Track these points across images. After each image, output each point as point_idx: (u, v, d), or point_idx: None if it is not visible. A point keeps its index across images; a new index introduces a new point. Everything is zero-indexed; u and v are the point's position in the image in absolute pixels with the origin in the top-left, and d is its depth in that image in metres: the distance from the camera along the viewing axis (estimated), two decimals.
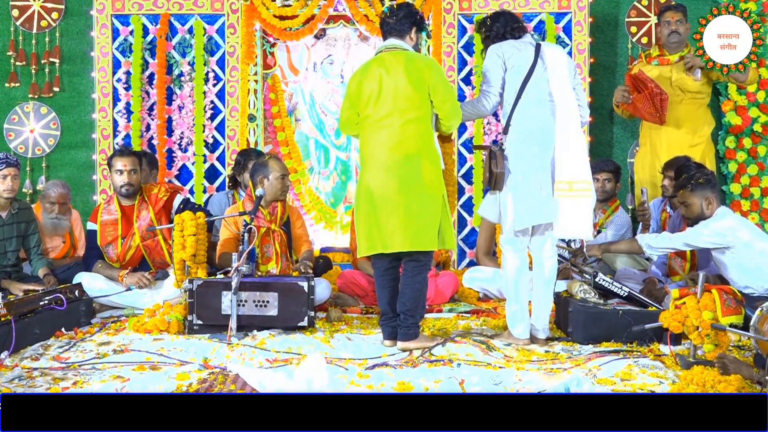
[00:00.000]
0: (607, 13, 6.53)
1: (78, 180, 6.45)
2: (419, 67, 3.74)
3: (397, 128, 3.72)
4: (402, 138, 3.71)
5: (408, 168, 3.70)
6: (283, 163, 4.86)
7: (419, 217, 3.69)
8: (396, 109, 3.72)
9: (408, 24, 3.85)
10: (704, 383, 3.06)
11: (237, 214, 4.69)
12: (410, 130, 3.71)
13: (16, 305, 3.82)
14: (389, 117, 3.74)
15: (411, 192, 3.69)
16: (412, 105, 3.72)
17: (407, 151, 3.71)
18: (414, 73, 3.72)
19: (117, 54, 6.36)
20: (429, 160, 3.73)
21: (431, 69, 3.76)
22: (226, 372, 3.32)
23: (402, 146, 3.71)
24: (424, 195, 3.70)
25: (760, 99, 6.22)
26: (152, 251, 4.84)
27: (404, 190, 3.70)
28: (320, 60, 6.68)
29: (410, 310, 3.73)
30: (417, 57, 3.81)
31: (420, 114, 3.73)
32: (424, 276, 3.79)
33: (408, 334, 3.74)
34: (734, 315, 3.51)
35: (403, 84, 3.72)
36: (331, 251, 6.28)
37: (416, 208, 3.69)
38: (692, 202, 4.30)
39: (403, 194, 3.69)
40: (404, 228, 3.69)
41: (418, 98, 3.72)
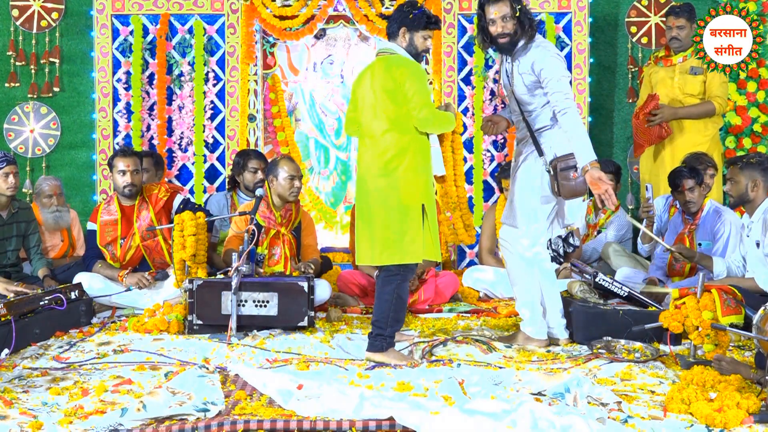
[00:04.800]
0: (607, 13, 6.53)
1: (78, 180, 6.46)
2: (395, 73, 3.57)
3: (374, 137, 3.63)
4: (378, 148, 3.61)
5: (381, 179, 3.59)
6: (296, 165, 4.82)
7: (383, 229, 3.58)
8: (374, 117, 3.63)
9: (396, 25, 3.70)
10: (704, 383, 3.07)
11: (238, 214, 4.69)
12: (387, 139, 3.59)
13: (16, 305, 3.82)
14: (369, 125, 3.67)
15: (381, 203, 3.59)
16: (387, 113, 3.59)
17: (383, 162, 3.59)
18: (390, 80, 3.58)
19: (117, 54, 6.36)
20: (406, 169, 3.57)
21: (406, 75, 3.56)
22: (226, 372, 3.32)
23: (378, 157, 3.61)
24: (395, 207, 3.56)
25: (760, 99, 6.21)
26: (152, 251, 4.84)
27: (376, 201, 3.61)
28: (320, 60, 6.68)
29: (377, 321, 3.59)
30: (394, 62, 3.62)
31: (396, 122, 3.58)
32: (393, 287, 3.59)
33: (373, 345, 3.58)
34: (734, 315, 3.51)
35: (380, 91, 3.61)
36: (331, 251, 6.28)
37: (381, 221, 3.58)
38: (739, 180, 4.28)
39: (374, 206, 3.61)
40: (369, 240, 3.63)
41: (393, 106, 3.58)
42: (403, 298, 3.65)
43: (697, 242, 4.77)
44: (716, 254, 4.67)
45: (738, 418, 2.66)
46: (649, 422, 2.70)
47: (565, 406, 2.84)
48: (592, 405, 2.85)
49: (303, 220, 4.97)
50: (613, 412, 2.79)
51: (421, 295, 4.89)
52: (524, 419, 2.59)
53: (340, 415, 2.72)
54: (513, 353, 3.74)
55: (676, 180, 4.78)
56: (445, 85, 6.32)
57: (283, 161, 4.78)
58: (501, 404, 2.75)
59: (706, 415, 2.69)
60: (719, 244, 4.67)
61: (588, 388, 2.96)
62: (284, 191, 4.72)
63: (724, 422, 2.65)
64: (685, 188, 4.74)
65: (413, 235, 3.57)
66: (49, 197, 5.37)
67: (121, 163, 4.79)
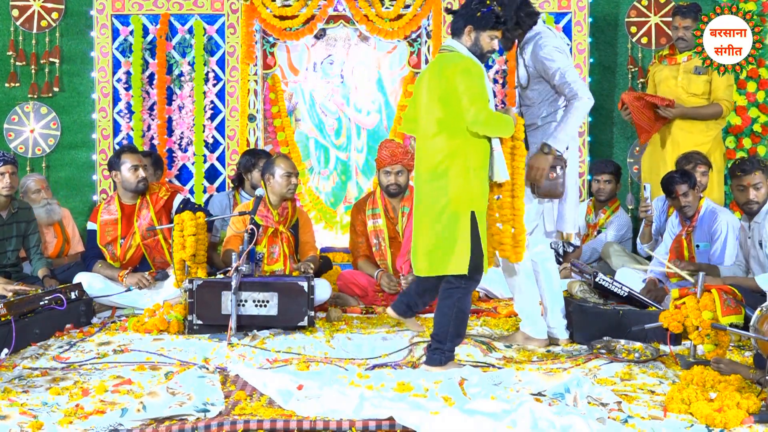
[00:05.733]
0: (607, 13, 6.53)
1: (78, 180, 6.46)
2: (447, 72, 3.38)
3: (425, 140, 3.46)
4: (428, 151, 3.44)
5: (429, 184, 3.43)
6: (291, 162, 4.86)
7: (432, 238, 3.41)
8: (426, 119, 3.45)
9: (461, 22, 3.45)
10: (704, 383, 3.07)
11: (237, 213, 4.70)
12: (436, 142, 3.40)
13: (16, 305, 3.82)
14: (422, 127, 3.48)
15: (430, 210, 3.41)
16: (436, 114, 3.40)
17: (431, 166, 3.42)
18: (441, 79, 3.39)
19: (117, 54, 6.36)
20: (456, 174, 3.36)
21: (457, 73, 3.35)
22: (226, 372, 3.32)
23: (427, 161, 3.44)
24: (443, 213, 3.37)
25: (760, 99, 6.21)
26: (152, 250, 4.84)
27: (425, 207, 3.44)
28: (320, 60, 6.68)
29: (436, 335, 3.42)
30: (449, 60, 3.41)
31: (446, 124, 3.38)
32: (454, 300, 3.41)
33: (431, 359, 3.41)
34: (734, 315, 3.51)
35: (431, 91, 3.43)
36: (331, 251, 6.28)
37: (430, 229, 3.42)
38: (764, 184, 4.33)
39: (424, 212, 3.44)
40: (424, 250, 3.46)
41: (442, 107, 3.38)
42: (465, 311, 3.45)
43: (694, 244, 4.77)
44: (714, 255, 4.67)
45: (738, 418, 2.66)
46: (649, 422, 2.70)
47: (565, 406, 2.84)
48: (592, 405, 2.85)
49: (300, 217, 4.99)
50: (613, 412, 2.79)
51: None
52: (524, 419, 2.59)
53: (340, 415, 2.72)
54: (513, 353, 3.74)
55: (669, 186, 4.75)
56: None
57: (279, 159, 4.80)
58: (501, 404, 2.75)
59: (706, 415, 2.69)
60: (717, 245, 4.67)
61: (588, 388, 2.96)
62: (282, 188, 4.73)
63: (724, 422, 2.65)
64: (678, 194, 4.73)
65: (463, 245, 3.34)
66: (38, 192, 5.42)
67: (131, 159, 4.82)
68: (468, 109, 3.31)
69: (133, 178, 4.80)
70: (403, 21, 6.30)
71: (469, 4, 3.46)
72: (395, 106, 6.63)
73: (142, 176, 4.82)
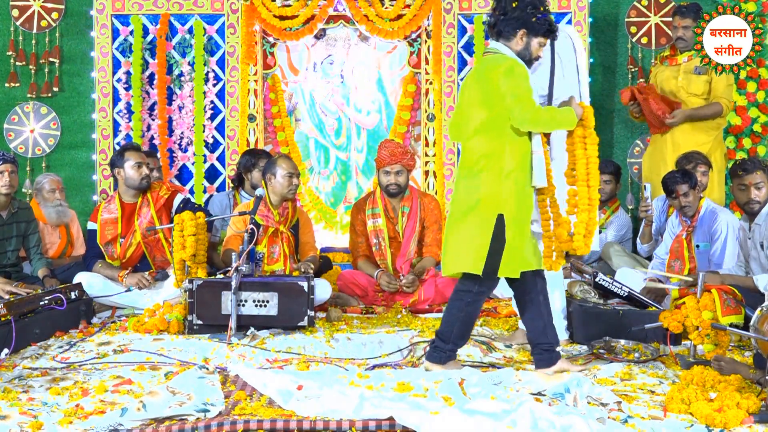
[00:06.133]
0: (607, 13, 6.52)
1: (78, 180, 6.46)
2: (491, 74, 3.31)
3: (466, 141, 3.41)
4: (465, 152, 3.41)
5: (462, 181, 3.40)
6: (293, 163, 4.86)
7: (454, 236, 3.39)
8: (467, 121, 3.41)
9: (514, 25, 3.38)
10: (704, 383, 3.07)
11: (237, 213, 4.70)
12: (473, 144, 3.36)
13: (16, 305, 3.82)
14: (464, 130, 3.43)
15: (460, 210, 3.39)
16: (477, 116, 3.34)
17: (467, 166, 3.39)
18: (483, 81, 3.34)
19: (117, 54, 6.36)
20: (489, 175, 3.30)
21: (500, 74, 3.28)
22: (226, 372, 3.32)
23: (464, 161, 3.42)
24: (469, 213, 3.33)
25: (760, 99, 6.21)
26: (153, 248, 4.85)
27: (457, 208, 3.41)
28: (320, 60, 6.68)
29: (441, 333, 3.41)
30: (492, 62, 3.36)
31: (485, 125, 3.32)
32: (465, 303, 3.38)
33: (431, 355, 3.42)
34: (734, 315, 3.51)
35: (476, 93, 3.37)
36: (331, 251, 6.28)
37: (455, 226, 3.39)
38: (765, 184, 4.35)
39: (455, 213, 3.42)
40: (445, 249, 3.45)
41: (482, 108, 3.33)
42: (473, 316, 3.43)
43: (694, 244, 4.76)
44: (714, 255, 4.67)
45: (738, 418, 2.66)
46: (649, 422, 2.70)
47: (565, 406, 2.84)
48: (592, 405, 2.85)
49: (300, 217, 4.99)
50: (613, 412, 2.79)
51: (421, 295, 4.89)
52: (524, 419, 2.59)
53: (340, 415, 2.72)
54: (513, 353, 3.74)
55: (670, 186, 4.75)
56: (445, 85, 6.32)
57: (281, 159, 4.80)
58: (501, 404, 2.76)
59: (706, 415, 2.69)
60: (717, 245, 4.67)
61: (588, 388, 2.96)
62: (283, 189, 4.73)
63: (724, 422, 2.65)
64: (679, 194, 4.72)
65: (482, 246, 3.27)
66: (52, 191, 5.46)
67: (134, 156, 4.84)
68: (513, 108, 3.25)
69: (136, 176, 4.81)
70: (403, 21, 6.30)
71: (524, 9, 3.37)
72: (395, 106, 6.63)
73: (146, 173, 4.84)
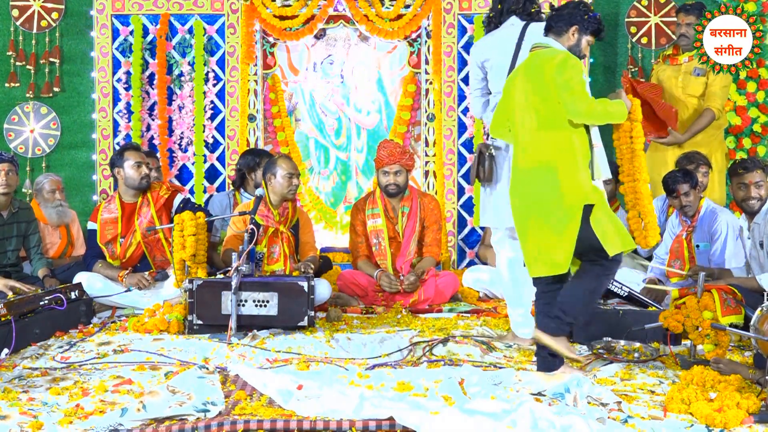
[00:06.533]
0: (607, 13, 6.52)
1: (78, 180, 6.46)
2: (546, 67, 3.32)
3: (528, 137, 3.36)
4: (534, 148, 3.34)
5: (540, 181, 3.30)
6: (293, 163, 4.85)
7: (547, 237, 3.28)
8: (526, 117, 3.37)
9: (566, 22, 3.43)
10: (704, 383, 3.06)
11: (237, 213, 4.70)
12: (543, 138, 3.32)
13: (16, 305, 3.82)
14: (522, 125, 3.39)
15: (538, 207, 3.30)
16: (538, 110, 3.32)
17: (540, 162, 3.31)
18: (540, 75, 3.33)
19: (117, 54, 6.37)
20: (571, 167, 3.27)
21: (556, 67, 3.29)
22: (226, 372, 3.32)
23: (534, 157, 3.34)
24: (555, 210, 3.25)
25: (760, 99, 6.21)
26: (153, 248, 4.85)
27: (534, 205, 3.32)
28: (320, 60, 6.68)
29: (563, 304, 3.25)
30: (547, 55, 3.37)
31: (548, 119, 3.31)
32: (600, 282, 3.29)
33: (548, 326, 3.25)
34: (734, 315, 3.51)
35: (529, 87, 3.37)
36: (331, 251, 6.28)
37: (542, 227, 3.29)
38: (765, 182, 4.35)
39: (533, 210, 3.32)
40: (530, 249, 3.35)
41: (544, 102, 3.31)
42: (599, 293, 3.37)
43: (694, 244, 4.76)
44: (714, 255, 4.67)
45: (738, 418, 2.66)
46: (649, 422, 2.70)
47: (565, 406, 2.84)
48: (592, 405, 2.85)
49: (300, 217, 4.98)
50: (613, 412, 2.79)
51: (421, 295, 4.89)
52: (524, 419, 2.59)
53: (340, 415, 2.72)
54: (513, 353, 3.74)
55: (672, 185, 4.74)
56: (445, 85, 6.32)
57: (281, 160, 4.80)
58: (501, 404, 2.76)
59: (706, 415, 2.69)
60: (717, 245, 4.67)
61: (588, 388, 2.96)
62: (283, 189, 4.73)
63: (724, 422, 2.65)
64: (680, 193, 4.72)
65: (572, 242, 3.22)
66: (52, 192, 5.45)
67: (135, 156, 4.85)
68: (567, 101, 3.25)
69: (136, 175, 4.81)
70: (403, 21, 6.30)
71: (576, 7, 3.46)
72: (395, 106, 6.63)
73: (146, 173, 4.84)
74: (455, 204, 6.38)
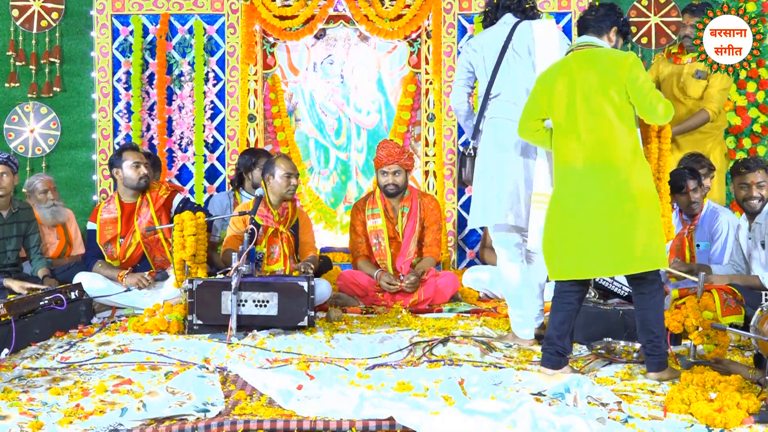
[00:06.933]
0: None
1: (78, 180, 6.46)
2: (619, 67, 3.29)
3: (593, 136, 3.29)
4: (599, 147, 3.29)
5: (613, 180, 3.27)
6: (291, 163, 4.85)
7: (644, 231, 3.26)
8: (592, 116, 3.30)
9: (608, 23, 3.47)
10: (704, 383, 3.06)
11: (237, 213, 4.70)
12: (617, 137, 3.28)
13: (16, 305, 3.82)
14: (583, 123, 3.31)
15: (610, 207, 3.25)
16: (610, 109, 3.28)
17: (614, 160, 3.27)
18: (611, 74, 3.29)
19: (117, 54, 6.37)
20: (643, 167, 3.31)
21: (628, 66, 3.28)
22: (226, 372, 3.32)
23: (605, 155, 3.28)
24: (632, 209, 3.24)
25: (760, 99, 6.21)
26: (153, 248, 4.85)
27: (605, 204, 3.26)
28: (320, 60, 6.68)
29: (658, 337, 3.29)
30: (613, 55, 3.34)
31: (624, 117, 3.29)
32: (662, 296, 3.36)
33: (661, 363, 3.29)
34: (734, 315, 3.51)
35: (601, 86, 3.30)
36: (331, 251, 6.28)
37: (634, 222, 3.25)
38: (766, 183, 4.36)
39: (603, 209, 3.26)
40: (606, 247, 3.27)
41: (610, 99, 3.28)
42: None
43: (695, 243, 4.77)
44: (714, 255, 4.67)
45: (738, 418, 2.66)
46: (649, 422, 2.70)
47: (565, 406, 2.84)
48: (592, 405, 2.85)
49: (300, 217, 4.99)
50: (613, 412, 2.79)
51: (421, 295, 4.89)
52: (524, 419, 2.59)
53: (340, 415, 2.72)
54: (513, 353, 3.73)
55: (680, 182, 4.71)
56: (445, 85, 6.32)
57: (279, 159, 4.80)
58: (501, 404, 2.75)
59: (706, 415, 2.69)
60: (717, 244, 4.67)
61: (588, 388, 2.96)
62: (281, 189, 4.73)
63: (725, 422, 2.65)
64: (689, 189, 4.72)
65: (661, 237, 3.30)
66: (44, 192, 5.45)
67: (132, 156, 4.84)
68: (654, 102, 3.27)
69: (134, 175, 4.82)
70: (403, 21, 6.30)
71: (612, 8, 3.51)
72: (395, 106, 6.63)
73: (144, 173, 4.84)
74: (455, 204, 6.38)
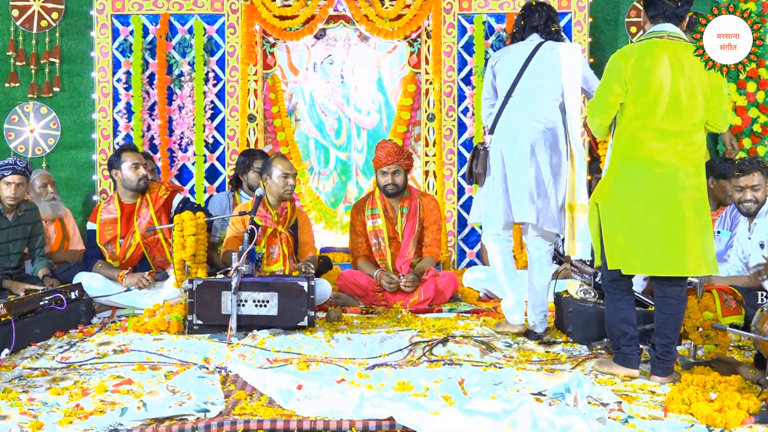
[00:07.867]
0: (607, 13, 6.53)
1: (78, 180, 6.46)
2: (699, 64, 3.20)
3: (685, 137, 3.22)
4: (690, 149, 3.23)
5: (693, 183, 3.23)
6: (289, 163, 4.85)
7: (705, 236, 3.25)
8: (687, 112, 3.21)
9: (686, 11, 3.35)
10: (704, 383, 3.06)
11: (237, 213, 4.70)
12: (697, 138, 3.24)
13: (16, 305, 3.82)
14: (678, 117, 3.21)
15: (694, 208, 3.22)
16: (701, 109, 3.22)
17: (694, 163, 3.24)
18: (706, 75, 3.22)
19: (117, 54, 6.37)
20: (703, 170, 3.30)
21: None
22: (226, 372, 3.32)
23: (688, 156, 3.23)
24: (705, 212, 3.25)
25: (760, 99, 6.22)
26: (153, 249, 4.85)
27: (689, 205, 3.22)
28: (320, 60, 6.68)
29: (672, 343, 3.28)
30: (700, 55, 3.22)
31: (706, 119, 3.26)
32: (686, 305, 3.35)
33: (668, 369, 3.28)
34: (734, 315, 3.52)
35: (699, 85, 3.22)
36: (331, 251, 6.28)
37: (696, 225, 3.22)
38: (762, 185, 4.37)
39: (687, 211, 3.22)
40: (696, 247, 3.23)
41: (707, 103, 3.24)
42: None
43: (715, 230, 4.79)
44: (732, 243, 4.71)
45: (738, 418, 2.66)
46: (649, 422, 2.70)
47: (565, 406, 2.84)
48: (593, 405, 2.85)
49: (299, 217, 4.98)
50: (614, 412, 2.79)
51: (421, 295, 4.89)
52: (524, 419, 2.59)
53: (340, 415, 2.72)
54: (513, 353, 3.74)
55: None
56: (445, 85, 6.32)
57: (277, 159, 4.80)
58: (501, 404, 2.75)
59: (706, 416, 2.69)
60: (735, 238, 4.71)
61: (588, 388, 2.96)
62: (279, 189, 4.73)
63: (725, 422, 2.65)
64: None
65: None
66: (44, 186, 5.53)
67: (132, 157, 4.85)
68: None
69: (134, 176, 4.82)
70: (403, 21, 6.30)
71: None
72: (395, 106, 6.63)
73: (143, 174, 4.83)
74: (455, 204, 6.38)
